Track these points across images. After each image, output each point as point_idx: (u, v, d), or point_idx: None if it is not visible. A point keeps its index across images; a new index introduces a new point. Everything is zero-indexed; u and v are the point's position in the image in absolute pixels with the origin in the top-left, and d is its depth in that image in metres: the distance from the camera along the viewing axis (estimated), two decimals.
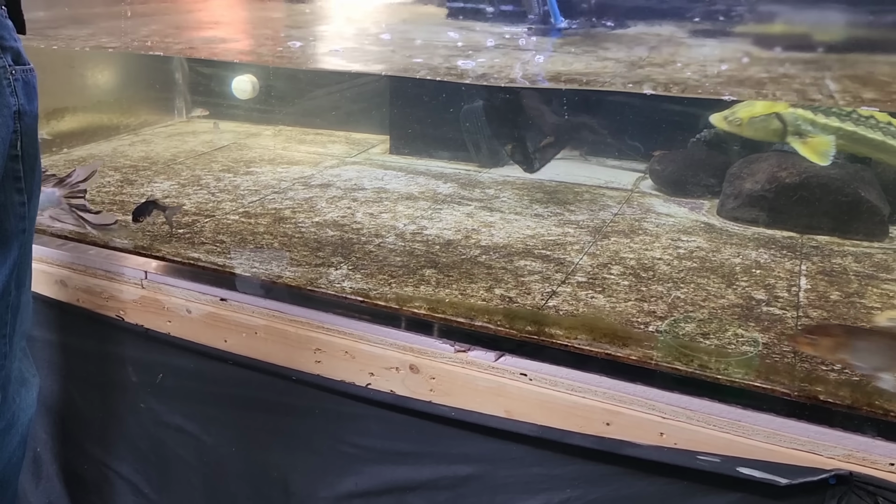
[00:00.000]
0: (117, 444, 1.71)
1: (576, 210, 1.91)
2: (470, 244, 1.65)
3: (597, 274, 1.51)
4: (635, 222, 1.82)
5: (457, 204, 1.93)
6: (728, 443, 1.11)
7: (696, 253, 1.63)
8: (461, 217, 1.82)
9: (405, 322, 1.36)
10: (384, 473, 1.41)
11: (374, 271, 1.49)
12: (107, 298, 1.58)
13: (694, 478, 1.13)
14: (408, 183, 2.11)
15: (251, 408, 1.51)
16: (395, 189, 2.05)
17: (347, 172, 2.19)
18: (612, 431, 1.18)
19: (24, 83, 1.18)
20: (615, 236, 1.72)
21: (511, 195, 2.02)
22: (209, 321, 1.48)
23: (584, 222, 1.82)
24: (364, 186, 2.05)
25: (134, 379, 1.62)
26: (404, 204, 1.92)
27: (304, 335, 1.39)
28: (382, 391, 1.34)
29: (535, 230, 1.75)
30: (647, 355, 1.20)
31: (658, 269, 1.53)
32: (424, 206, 1.91)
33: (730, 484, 1.10)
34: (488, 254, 1.59)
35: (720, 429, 1.11)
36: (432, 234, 1.70)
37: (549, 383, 1.21)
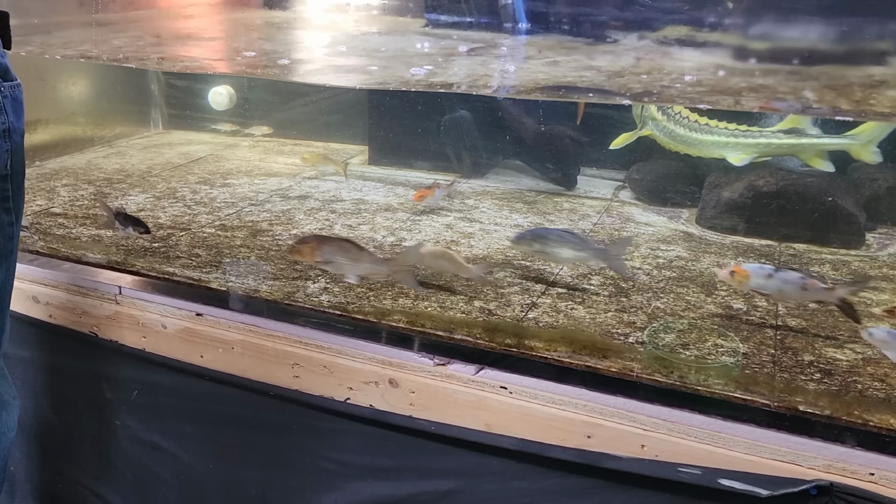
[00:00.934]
0: (93, 463, 1.68)
1: (555, 220, 1.90)
2: None
3: (576, 285, 1.51)
4: (615, 232, 1.82)
5: (436, 215, 1.92)
6: (709, 454, 1.10)
7: (675, 262, 1.63)
8: (441, 228, 1.81)
9: (384, 336, 1.35)
10: (364, 489, 1.39)
11: (352, 284, 1.48)
12: (80, 314, 1.55)
13: (676, 490, 1.12)
14: (387, 194, 2.10)
15: (229, 424, 1.49)
16: (374, 200, 2.03)
17: (326, 184, 2.17)
18: (592, 444, 1.17)
19: (12, 100, 1.16)
20: None
21: (491, 205, 2.01)
22: (185, 336, 1.46)
23: None
24: (342, 198, 2.04)
25: (109, 396, 1.59)
26: (383, 215, 1.91)
27: (282, 350, 1.37)
28: (362, 406, 1.33)
29: None
30: (628, 367, 1.20)
31: (638, 279, 1.53)
32: (403, 217, 1.90)
33: (711, 496, 1.10)
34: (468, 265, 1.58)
35: (701, 440, 1.11)
36: (411, 244, 1.69)
37: (530, 396, 1.21)
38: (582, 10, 1.67)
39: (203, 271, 1.54)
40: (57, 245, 1.67)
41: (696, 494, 1.11)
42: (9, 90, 1.15)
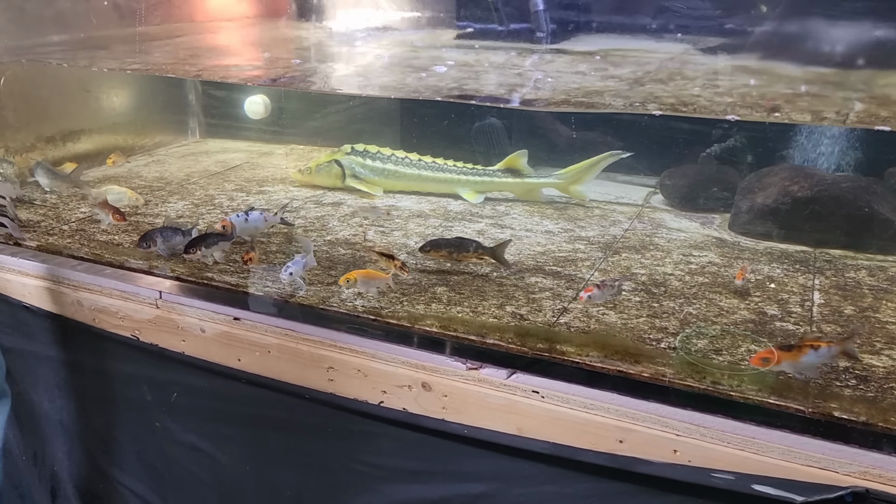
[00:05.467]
0: (133, 463, 1.72)
1: (586, 226, 1.91)
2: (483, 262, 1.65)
3: None
4: (646, 238, 1.82)
5: (468, 221, 1.94)
6: (743, 460, 1.10)
7: (707, 268, 1.63)
8: (472, 234, 1.83)
9: (417, 340, 1.36)
10: (397, 491, 1.41)
11: (385, 290, 1.50)
12: (122, 318, 1.59)
13: (709, 495, 1.12)
14: (419, 201, 2.12)
15: (264, 426, 1.52)
16: (406, 207, 2.06)
17: None
18: (625, 449, 1.18)
19: None
20: (626, 252, 1.72)
21: (521, 212, 2.03)
22: (223, 340, 1.49)
23: (595, 238, 1.82)
24: (374, 205, 2.07)
25: (149, 398, 1.63)
26: (415, 221, 1.93)
27: (317, 353, 1.39)
28: (395, 409, 1.35)
29: (545, 247, 1.75)
30: (660, 372, 1.20)
31: (670, 285, 1.53)
32: (435, 223, 1.92)
33: (745, 502, 1.10)
34: (499, 271, 1.60)
35: (735, 446, 1.10)
36: None
37: (562, 401, 1.21)
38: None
39: (240, 276, 1.58)
40: (100, 251, 1.72)
41: (729, 500, 1.11)
42: None
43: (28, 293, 1.70)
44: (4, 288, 1.73)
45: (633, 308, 1.43)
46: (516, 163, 2.13)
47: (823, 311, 1.42)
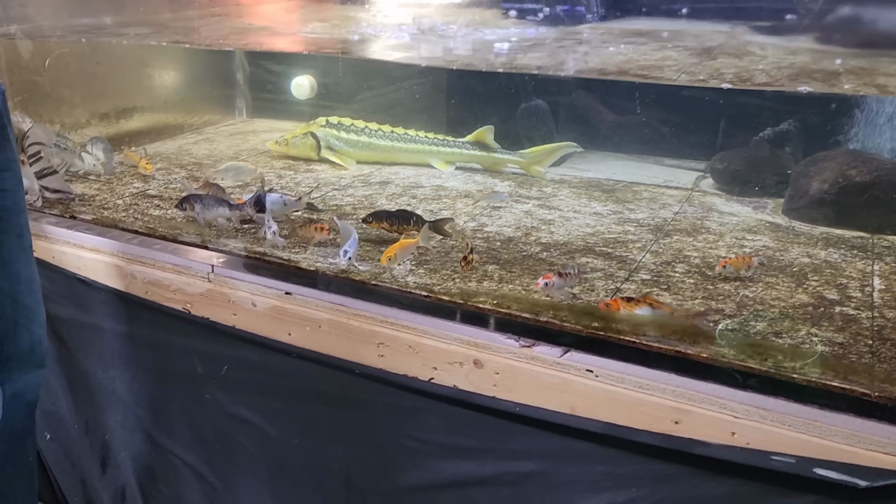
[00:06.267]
0: (184, 434, 1.75)
1: (635, 209, 1.89)
2: (530, 241, 1.64)
3: (661, 272, 1.49)
4: (697, 221, 1.79)
5: (514, 202, 1.93)
6: (804, 444, 1.08)
7: (762, 252, 1.60)
8: (520, 215, 1.82)
9: (469, 317, 1.36)
10: (447, 468, 1.41)
11: (436, 267, 1.50)
12: (174, 291, 1.62)
13: (768, 479, 1.11)
14: (465, 181, 2.11)
15: (314, 400, 1.53)
16: (454, 187, 2.05)
17: (405, 171, 2.20)
18: (681, 430, 1.16)
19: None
20: (677, 234, 1.70)
21: (569, 194, 2.01)
22: (274, 314, 1.50)
23: (645, 221, 1.80)
24: (422, 184, 2.07)
25: (200, 370, 1.66)
26: (463, 202, 1.93)
27: (368, 329, 1.40)
28: (445, 386, 1.35)
29: (595, 228, 1.74)
30: (719, 353, 1.18)
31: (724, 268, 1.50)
32: (483, 203, 1.91)
33: (806, 485, 1.08)
34: (549, 251, 1.59)
35: (795, 429, 1.09)
36: (492, 231, 1.70)
37: (616, 380, 1.20)
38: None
39: (292, 252, 1.59)
40: (154, 225, 1.74)
41: (789, 483, 1.09)
42: None
43: (83, 265, 1.73)
44: (60, 260, 1.76)
45: (687, 290, 1.41)
46: (484, 137, 2.22)
47: (885, 297, 1.39)
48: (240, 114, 2.82)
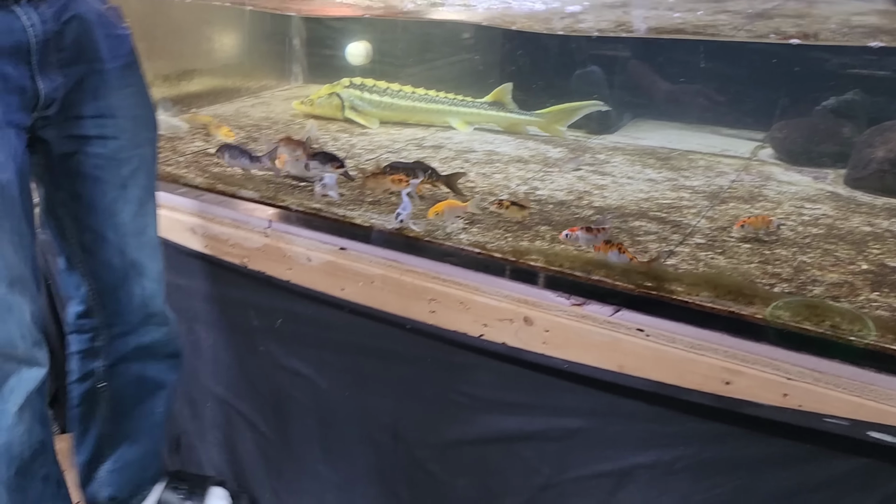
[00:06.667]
0: (238, 384, 1.81)
1: (690, 176, 1.86)
2: (583, 205, 1.64)
3: (716, 237, 1.48)
4: (755, 189, 1.76)
5: None
6: (858, 407, 1.07)
7: (822, 220, 1.57)
8: (572, 180, 1.81)
9: (521, 274, 1.37)
10: (494, 423, 1.43)
11: (489, 226, 1.51)
12: (232, 246, 1.66)
13: (820, 440, 1.10)
14: (518, 147, 2.11)
15: (365, 354, 1.56)
16: (506, 152, 2.06)
17: (459, 135, 2.21)
18: (731, 391, 1.16)
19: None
20: (733, 202, 1.68)
21: (622, 160, 1.99)
22: (328, 269, 1.53)
23: (700, 188, 1.77)
24: (475, 149, 2.07)
25: (255, 323, 1.71)
26: (515, 166, 1.93)
27: (420, 285, 1.42)
28: (495, 342, 1.36)
29: (648, 193, 1.72)
30: (774, 315, 1.17)
31: (781, 234, 1.48)
32: (535, 168, 1.91)
33: (859, 448, 1.07)
34: (602, 215, 1.58)
35: (850, 392, 1.07)
36: (545, 195, 1.70)
37: (667, 339, 1.20)
38: None
39: (347, 209, 1.62)
40: (213, 181, 1.79)
41: (841, 446, 1.08)
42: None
43: None
44: None
45: (743, 254, 1.39)
46: (502, 97, 2.25)
47: None
48: (295, 79, 2.86)
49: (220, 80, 2.57)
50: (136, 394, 1.62)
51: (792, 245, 1.43)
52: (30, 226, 1.27)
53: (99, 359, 1.57)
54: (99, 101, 1.31)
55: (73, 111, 1.30)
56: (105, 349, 1.56)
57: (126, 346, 1.56)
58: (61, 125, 1.30)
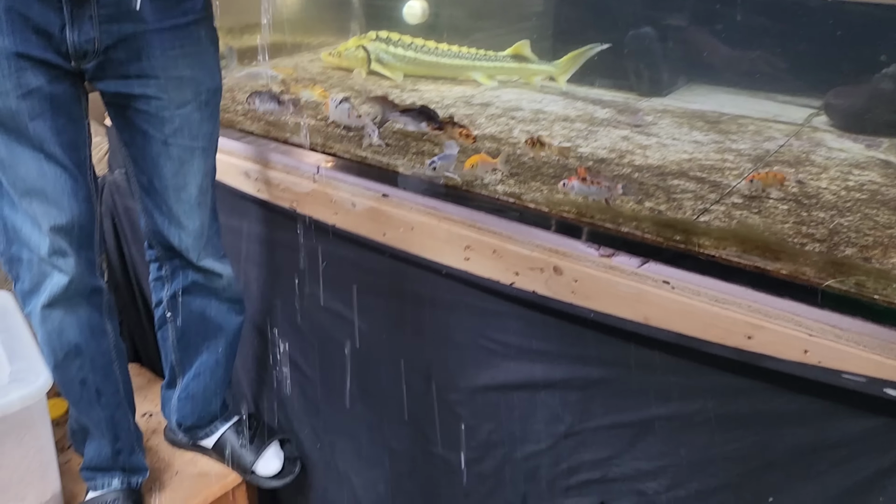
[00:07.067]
0: (283, 324, 1.90)
1: (738, 140, 1.84)
2: (623, 163, 1.65)
3: (755, 198, 1.47)
4: (802, 154, 1.74)
5: (613, 127, 1.93)
6: (878, 365, 1.07)
7: (867, 186, 1.54)
8: (616, 139, 1.82)
9: (553, 225, 1.40)
10: (521, 370, 1.48)
11: (526, 178, 1.54)
12: (283, 190, 1.74)
13: (837, 396, 1.10)
14: (565, 106, 2.12)
15: (403, 299, 1.62)
16: (553, 111, 2.07)
17: (507, 94, 2.23)
18: (753, 345, 1.17)
19: None
20: (778, 165, 1.66)
21: (670, 122, 1.98)
22: (371, 215, 1.59)
23: (746, 151, 1.76)
24: (522, 107, 2.09)
25: (301, 266, 1.79)
26: (560, 124, 1.94)
27: (456, 233, 1.46)
28: (525, 290, 1.40)
29: (692, 154, 1.72)
30: (799, 271, 1.17)
31: (822, 198, 1.46)
32: (580, 127, 1.92)
33: (876, 405, 1.07)
34: (640, 172, 1.59)
35: (870, 350, 1.07)
36: (585, 152, 1.72)
37: (692, 293, 1.22)
38: None
39: (391, 157, 1.67)
40: (267, 127, 1.86)
41: (859, 403, 1.09)
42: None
43: None
44: None
45: (779, 215, 1.39)
46: (522, 50, 2.33)
47: None
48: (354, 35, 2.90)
49: (281, 35, 2.64)
50: (198, 330, 1.73)
51: (831, 208, 1.41)
52: (64, 152, 1.33)
53: (165, 289, 1.68)
54: (142, 61, 1.34)
55: (118, 70, 1.34)
56: (168, 280, 1.66)
57: (185, 282, 1.66)
58: (109, 81, 1.36)
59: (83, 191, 1.37)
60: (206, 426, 1.84)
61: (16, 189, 1.31)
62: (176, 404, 1.82)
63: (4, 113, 1.24)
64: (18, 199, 1.32)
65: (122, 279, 2.30)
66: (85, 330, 1.48)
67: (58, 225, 1.35)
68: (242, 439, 1.85)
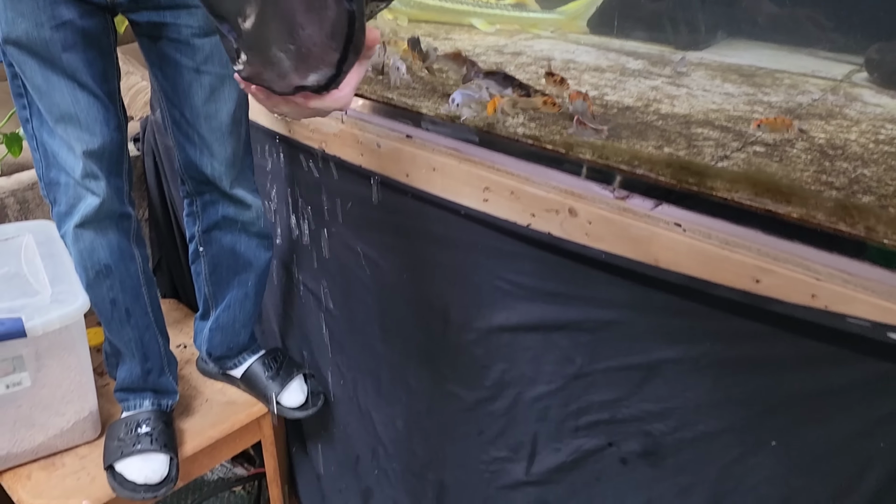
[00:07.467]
0: (308, 263, 1.96)
1: (771, 93, 1.81)
2: (648, 111, 1.64)
3: (778, 146, 1.45)
4: (836, 108, 1.70)
5: (643, 78, 1.91)
6: (884, 311, 1.06)
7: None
8: (645, 89, 1.81)
9: (569, 166, 1.41)
10: (534, 311, 1.51)
11: (547, 122, 1.55)
12: (312, 131, 1.78)
13: (842, 340, 1.11)
14: (597, 57, 2.11)
15: (424, 239, 1.66)
16: (584, 62, 2.06)
17: (540, 44, 2.22)
18: (760, 288, 1.18)
19: None
20: (809, 118, 1.63)
21: (703, 75, 1.95)
22: (395, 155, 1.62)
23: (777, 104, 1.73)
24: (553, 57, 2.08)
25: (327, 205, 1.83)
26: (590, 74, 1.93)
27: (476, 174, 1.49)
28: (541, 231, 1.42)
29: (720, 105, 1.70)
30: (811, 215, 1.16)
31: (848, 149, 1.44)
32: (610, 77, 1.91)
33: (882, 351, 1.07)
34: (665, 120, 1.58)
35: (878, 296, 1.07)
36: (612, 100, 1.71)
37: (703, 235, 1.22)
38: None
39: (416, 100, 1.69)
40: None
41: (864, 348, 1.09)
42: None
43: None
44: None
45: (800, 164, 1.37)
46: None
47: None
48: None
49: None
50: (229, 264, 1.80)
51: (856, 159, 1.39)
52: (95, 82, 1.40)
53: (197, 224, 1.75)
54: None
55: (151, 1, 1.40)
56: (200, 215, 1.73)
57: (214, 216, 1.73)
58: (142, 12, 1.42)
59: (114, 120, 1.44)
60: (235, 357, 1.93)
61: (52, 115, 1.38)
62: (207, 335, 1.90)
63: (39, 43, 1.31)
64: (54, 125, 1.39)
65: (163, 217, 2.39)
66: (115, 252, 1.55)
67: (90, 150, 1.41)
68: (269, 372, 1.92)
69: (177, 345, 2.18)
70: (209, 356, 1.94)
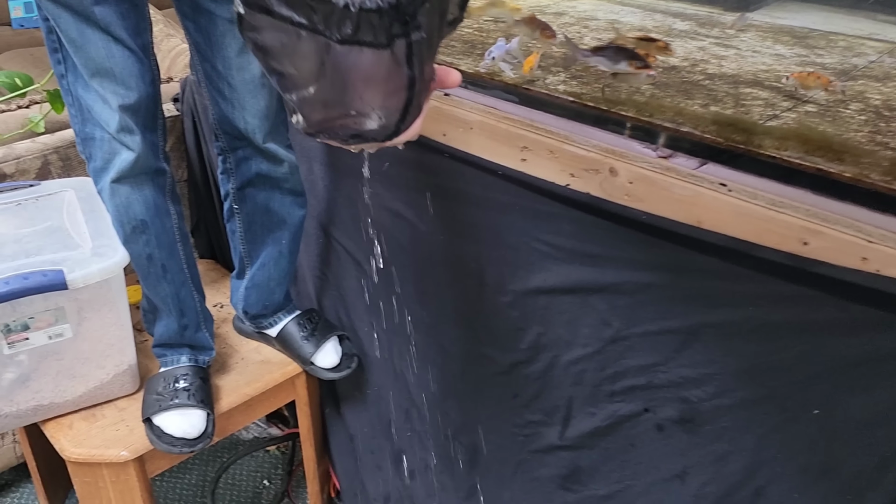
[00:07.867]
0: (345, 223, 1.95)
1: (824, 54, 1.74)
2: (695, 71, 1.59)
3: (831, 107, 1.40)
4: (893, 70, 1.63)
5: (690, 38, 1.85)
6: None
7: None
8: (692, 49, 1.75)
9: (610, 125, 1.37)
10: (571, 273, 1.48)
11: (589, 80, 1.51)
12: None
13: (891, 307, 1.06)
14: (643, 18, 2.05)
15: (460, 200, 1.64)
16: (628, 22, 2.00)
17: (584, 5, 2.17)
18: (808, 251, 1.13)
19: None
20: (864, 80, 1.56)
21: (753, 36, 1.88)
22: (432, 115, 1.58)
23: (831, 65, 1.66)
24: (597, 17, 2.03)
25: (364, 165, 1.82)
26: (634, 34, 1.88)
27: (514, 132, 1.45)
28: (580, 192, 1.39)
29: (770, 66, 1.64)
30: (864, 174, 1.11)
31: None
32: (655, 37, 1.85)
33: None
34: (712, 80, 1.53)
35: None
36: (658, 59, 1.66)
37: (749, 196, 1.18)
38: None
39: (455, 58, 1.66)
40: None
41: None
42: None
43: None
44: None
45: (854, 124, 1.32)
46: None
47: None
48: None
49: None
50: (263, 222, 1.80)
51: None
52: (129, 35, 1.40)
53: (231, 181, 1.76)
54: None
55: None
56: (233, 172, 1.74)
57: (248, 173, 1.73)
58: None
59: (148, 74, 1.44)
60: (271, 316, 1.94)
61: (87, 69, 1.39)
62: (242, 293, 1.92)
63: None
64: (89, 79, 1.40)
65: (201, 178, 2.41)
66: (151, 207, 1.57)
67: (125, 104, 1.42)
68: (304, 332, 1.93)
69: (214, 304, 2.20)
70: (245, 315, 1.96)
